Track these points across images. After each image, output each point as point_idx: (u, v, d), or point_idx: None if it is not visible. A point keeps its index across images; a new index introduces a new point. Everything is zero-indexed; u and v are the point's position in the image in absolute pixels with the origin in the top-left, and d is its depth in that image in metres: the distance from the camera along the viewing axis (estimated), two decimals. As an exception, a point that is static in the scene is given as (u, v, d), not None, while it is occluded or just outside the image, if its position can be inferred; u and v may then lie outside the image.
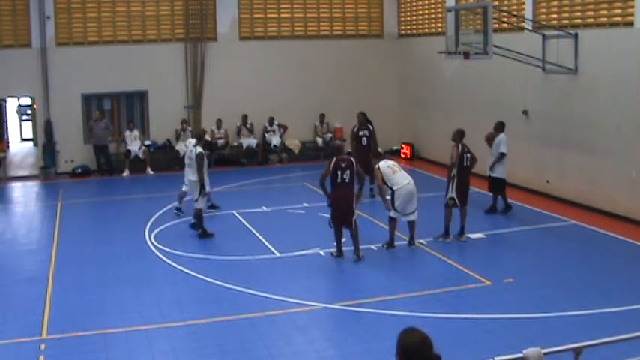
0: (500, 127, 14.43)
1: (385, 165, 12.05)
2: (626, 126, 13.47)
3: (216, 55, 20.46)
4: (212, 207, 14.80)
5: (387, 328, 8.53)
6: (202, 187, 12.78)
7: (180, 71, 20.39)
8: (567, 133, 15.04)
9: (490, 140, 14.44)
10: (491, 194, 14.58)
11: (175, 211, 14.54)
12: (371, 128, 15.72)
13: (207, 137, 20.27)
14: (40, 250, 12.80)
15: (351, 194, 11.42)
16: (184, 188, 14.00)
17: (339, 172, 11.33)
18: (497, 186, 14.43)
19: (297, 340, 8.56)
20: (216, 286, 10.37)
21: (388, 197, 11.99)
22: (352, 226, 11.43)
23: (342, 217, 11.46)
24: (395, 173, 11.88)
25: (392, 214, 11.98)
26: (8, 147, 23.14)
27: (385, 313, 9.19)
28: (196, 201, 12.92)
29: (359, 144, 15.56)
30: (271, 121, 20.79)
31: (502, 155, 14.20)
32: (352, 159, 11.69)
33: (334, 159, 11.50)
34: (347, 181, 11.35)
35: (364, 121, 15.72)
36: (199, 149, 12.85)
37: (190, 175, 12.99)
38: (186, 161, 13.15)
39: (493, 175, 14.39)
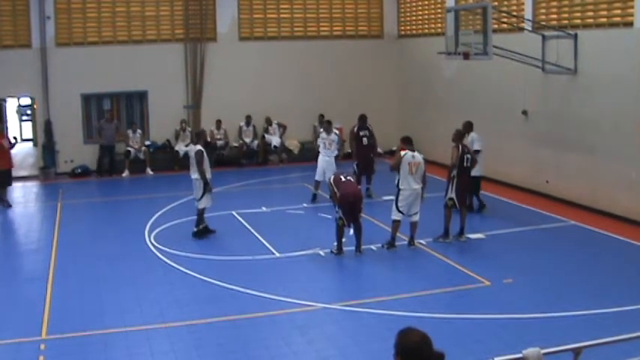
0: (469, 126, 14.27)
1: (408, 160, 11.87)
2: (626, 126, 13.47)
3: (216, 55, 20.47)
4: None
5: (387, 328, 8.54)
6: (206, 184, 12.75)
7: (180, 71, 20.40)
8: (567, 133, 15.04)
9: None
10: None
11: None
12: (370, 129, 15.91)
13: (207, 137, 20.37)
14: (40, 250, 12.80)
15: (357, 189, 12.06)
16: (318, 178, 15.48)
17: (341, 177, 11.89)
18: (473, 184, 14.22)
19: (297, 340, 8.56)
20: (216, 286, 10.38)
21: (393, 197, 12.05)
22: (359, 221, 11.75)
23: (351, 212, 11.62)
24: (411, 174, 11.85)
25: (395, 216, 11.99)
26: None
27: (385, 313, 9.19)
28: (199, 200, 12.90)
29: (360, 144, 15.78)
30: (269, 121, 20.81)
31: (477, 152, 13.80)
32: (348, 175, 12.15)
33: (332, 177, 12.11)
34: (351, 180, 11.96)
35: (364, 122, 15.87)
36: (199, 147, 12.86)
37: (192, 173, 12.97)
38: (190, 161, 13.11)
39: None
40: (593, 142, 14.31)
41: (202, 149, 12.82)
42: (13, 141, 17.09)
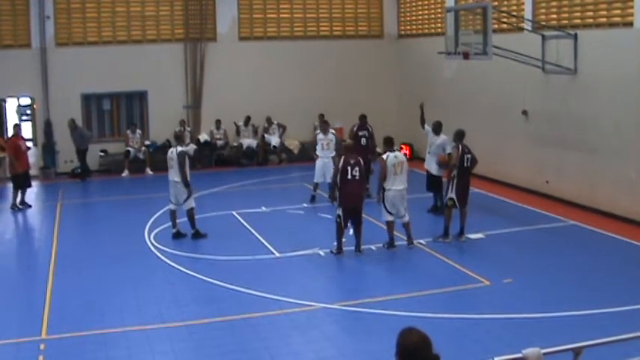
0: (438, 127, 14.18)
1: (392, 162, 11.80)
2: (626, 126, 13.47)
3: (215, 55, 20.47)
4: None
5: (386, 328, 8.52)
6: (187, 185, 12.69)
7: (179, 71, 20.40)
8: (567, 133, 15.04)
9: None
10: (432, 192, 14.46)
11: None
12: (370, 129, 15.86)
13: (207, 137, 20.39)
14: (40, 250, 12.81)
15: (360, 190, 11.83)
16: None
17: (348, 169, 11.55)
18: (437, 184, 14.15)
19: (296, 340, 8.56)
20: (216, 286, 10.37)
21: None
22: (359, 222, 11.66)
23: (351, 213, 11.58)
24: (395, 175, 11.80)
25: (387, 217, 11.97)
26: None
27: (385, 313, 9.19)
28: (184, 202, 12.82)
29: (358, 143, 15.71)
30: (270, 121, 20.80)
31: (449, 155, 13.29)
32: (359, 157, 11.87)
33: (342, 157, 11.74)
34: (357, 177, 11.63)
35: (364, 122, 15.87)
36: (180, 148, 12.82)
37: (173, 176, 12.90)
38: (169, 163, 13.01)
39: (434, 173, 14.17)
40: (593, 142, 14.30)
41: (185, 151, 12.78)
42: (30, 145, 16.94)
